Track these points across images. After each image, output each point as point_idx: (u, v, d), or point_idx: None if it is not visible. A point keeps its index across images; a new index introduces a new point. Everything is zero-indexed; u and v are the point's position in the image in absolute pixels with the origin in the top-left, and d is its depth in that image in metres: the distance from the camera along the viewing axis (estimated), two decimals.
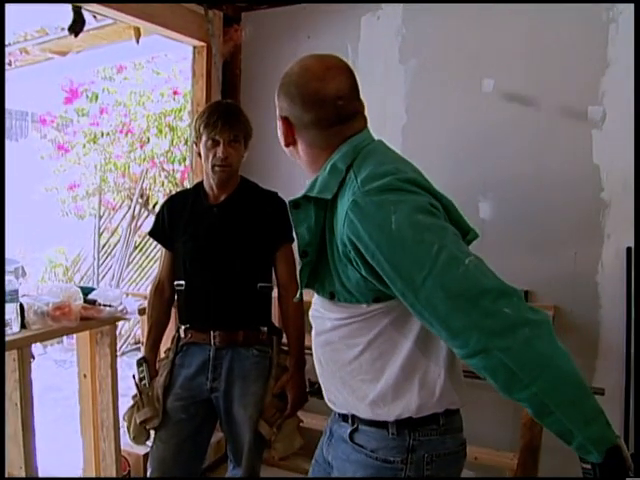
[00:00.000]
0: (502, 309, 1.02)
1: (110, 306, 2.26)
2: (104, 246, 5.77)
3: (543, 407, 1.01)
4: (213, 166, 1.95)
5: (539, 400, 1.01)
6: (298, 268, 1.26)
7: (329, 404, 1.38)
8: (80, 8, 2.26)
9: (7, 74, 3.97)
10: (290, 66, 1.27)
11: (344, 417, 1.32)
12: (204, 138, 1.94)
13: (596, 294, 2.50)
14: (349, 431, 1.29)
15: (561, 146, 2.50)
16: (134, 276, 5.58)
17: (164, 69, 5.19)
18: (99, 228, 5.72)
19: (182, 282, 2.05)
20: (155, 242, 2.22)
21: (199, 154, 2.03)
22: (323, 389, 1.38)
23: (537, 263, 2.58)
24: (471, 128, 2.67)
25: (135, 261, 5.59)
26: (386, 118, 2.83)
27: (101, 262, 5.69)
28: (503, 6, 2.55)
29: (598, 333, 2.51)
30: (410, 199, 1.09)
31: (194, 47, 2.96)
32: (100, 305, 2.24)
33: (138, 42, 2.96)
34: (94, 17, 3.03)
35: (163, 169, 5.43)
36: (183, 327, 2.07)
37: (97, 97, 5.18)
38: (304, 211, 1.19)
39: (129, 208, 5.59)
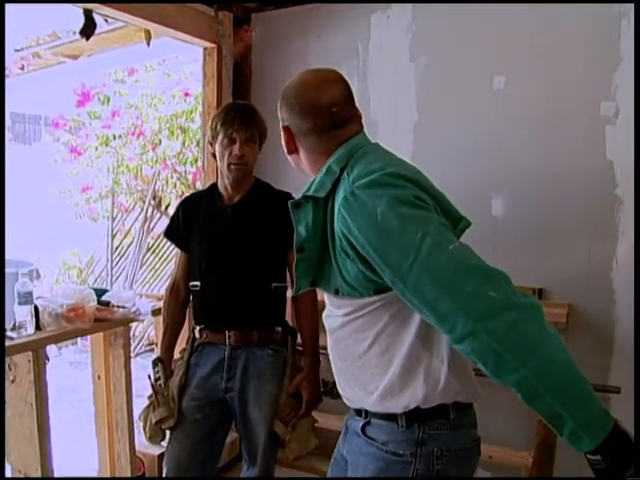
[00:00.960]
0: (488, 292, 1.05)
1: (123, 307, 2.27)
2: (117, 248, 5.78)
3: (533, 391, 1.02)
4: (229, 164, 1.95)
5: (529, 383, 1.01)
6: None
7: (344, 400, 1.41)
8: (91, 12, 2.27)
9: (20, 78, 4.01)
10: (289, 80, 1.38)
11: (358, 411, 1.36)
12: (220, 136, 1.95)
13: (611, 291, 2.47)
14: (361, 424, 1.32)
15: (574, 142, 2.48)
16: (147, 277, 5.59)
17: (175, 71, 5.21)
18: (112, 230, 5.73)
19: (197, 283, 2.06)
20: (169, 243, 2.24)
21: (213, 155, 2.04)
22: (339, 387, 1.41)
23: (550, 260, 2.56)
24: (483, 125, 2.66)
25: (148, 262, 5.60)
26: (397, 116, 2.82)
27: (114, 264, 5.69)
28: (514, 2, 2.53)
29: (613, 331, 2.48)
30: (395, 192, 1.14)
31: (204, 49, 2.96)
32: (113, 306, 2.26)
33: (149, 44, 2.97)
34: (105, 20, 3.05)
35: (175, 171, 5.45)
36: (198, 327, 2.08)
37: (109, 100, 5.21)
38: (304, 210, 1.28)
39: (142, 210, 5.61)
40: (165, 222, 4.86)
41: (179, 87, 5.11)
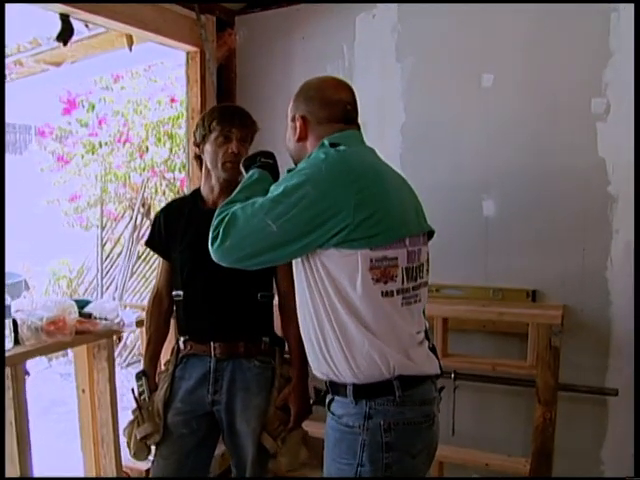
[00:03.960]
0: None
1: (106, 319, 2.19)
2: (107, 257, 5.72)
3: None
4: (224, 162, 1.89)
5: None
6: None
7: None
8: (68, 16, 2.18)
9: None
10: (308, 80, 1.58)
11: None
12: (214, 134, 1.89)
13: (606, 291, 2.41)
14: (328, 401, 1.50)
15: (565, 140, 2.42)
16: (138, 286, 5.51)
17: (160, 77, 5.15)
18: (102, 239, 5.68)
19: (180, 292, 1.98)
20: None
21: (198, 157, 1.97)
22: None
23: (544, 261, 2.50)
24: (472, 124, 2.60)
25: (139, 271, 5.53)
26: (385, 118, 2.76)
27: (105, 273, 5.63)
28: None
29: (609, 331, 2.42)
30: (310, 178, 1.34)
31: (187, 53, 2.90)
32: (96, 318, 2.18)
33: (131, 50, 2.89)
34: (86, 26, 2.97)
35: (164, 178, 5.38)
36: (182, 338, 1.99)
37: (93, 107, 5.14)
38: None
39: (131, 218, 5.54)
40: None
41: (165, 93, 5.06)
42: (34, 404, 4.12)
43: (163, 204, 5.16)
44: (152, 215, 5.29)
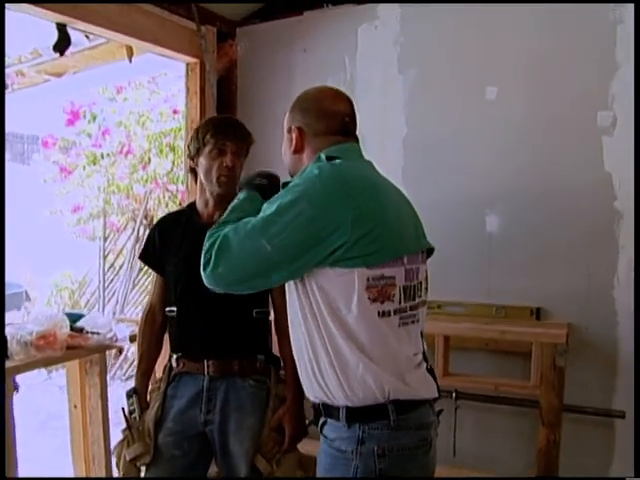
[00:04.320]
0: None
1: (98, 334, 2.15)
2: (110, 268, 5.69)
3: None
4: (219, 177, 1.85)
5: None
6: None
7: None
8: (65, 26, 2.15)
9: (7, 97, 3.91)
10: (305, 90, 1.54)
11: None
12: (209, 147, 1.85)
13: (613, 309, 2.35)
14: (321, 424, 1.43)
15: (571, 154, 2.38)
16: (139, 299, 5.45)
17: (164, 88, 5.14)
18: (104, 250, 5.64)
19: (174, 308, 1.93)
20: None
21: (193, 170, 1.94)
22: None
23: (549, 278, 2.45)
24: (475, 138, 2.56)
25: (141, 283, 5.48)
26: (386, 130, 2.71)
27: (107, 285, 5.59)
28: (505, 9, 2.44)
29: (616, 351, 2.35)
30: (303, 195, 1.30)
31: (187, 64, 2.87)
32: (87, 333, 2.14)
33: (131, 61, 2.88)
34: (86, 37, 2.95)
35: (167, 190, 5.35)
36: (175, 356, 1.94)
37: (95, 118, 5.13)
38: None
39: (134, 230, 5.51)
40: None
41: (167, 105, 5.05)
42: (31, 417, 4.10)
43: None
44: None
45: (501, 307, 2.51)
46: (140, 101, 5.10)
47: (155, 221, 2.24)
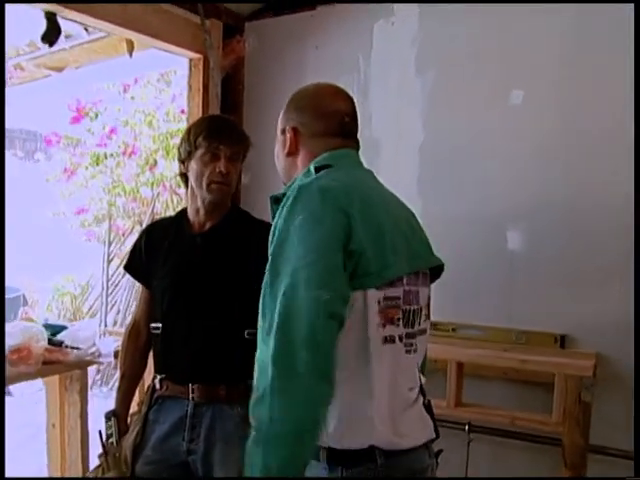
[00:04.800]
0: None
1: (78, 348, 2.09)
2: (114, 274, 5.66)
3: None
4: (210, 183, 1.78)
5: None
6: None
7: None
8: (54, 15, 2.09)
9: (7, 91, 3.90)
10: (302, 87, 1.49)
11: None
12: (201, 151, 1.78)
13: None
14: None
15: (604, 170, 2.27)
16: None
17: (174, 86, 5.09)
18: (108, 255, 5.62)
19: (159, 324, 1.86)
20: None
21: (183, 175, 1.87)
22: None
23: (575, 303, 2.33)
24: (499, 147, 2.46)
25: None
26: (401, 136, 2.63)
27: (110, 291, 5.56)
28: (532, 8, 2.34)
29: None
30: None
31: (190, 60, 2.82)
32: (67, 347, 2.08)
33: (131, 55, 2.83)
34: (85, 30, 2.91)
35: (175, 193, 5.30)
36: (159, 377, 1.86)
37: (97, 115, 5.12)
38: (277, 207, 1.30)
39: None
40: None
41: (175, 104, 5.00)
42: (23, 429, 4.03)
43: None
44: None
45: (522, 332, 2.40)
46: (147, 99, 5.07)
47: (143, 228, 2.17)
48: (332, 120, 1.37)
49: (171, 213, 5.16)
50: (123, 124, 5.07)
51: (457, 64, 2.52)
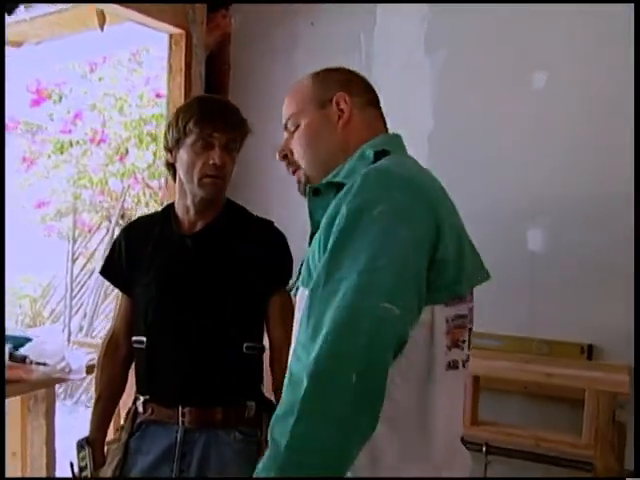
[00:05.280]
0: None
1: (45, 364, 1.96)
2: (79, 274, 5.56)
3: None
4: (202, 177, 1.65)
5: None
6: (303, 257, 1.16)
7: None
8: None
9: None
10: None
11: None
12: (191, 138, 1.65)
13: None
14: None
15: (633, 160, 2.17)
16: (112, 311, 5.25)
17: (146, 67, 4.96)
18: (73, 253, 5.49)
19: (142, 338, 1.74)
20: None
21: (171, 165, 1.75)
22: None
23: (604, 309, 2.24)
24: (518, 136, 2.37)
25: (115, 293, 5.25)
26: (408, 123, 2.39)
27: (75, 293, 5.46)
28: None
29: None
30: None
31: (170, 36, 2.69)
32: (32, 363, 1.96)
33: (102, 29, 2.68)
34: None
35: (147, 186, 5.21)
36: (142, 398, 1.74)
37: (61, 98, 5.01)
38: (324, 199, 1.16)
39: (108, 230, 5.39)
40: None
41: (149, 87, 4.85)
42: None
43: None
44: None
45: (544, 342, 2.30)
46: (117, 81, 4.93)
47: (122, 228, 2.04)
48: (373, 93, 1.29)
49: (143, 208, 5.04)
50: (90, 108, 4.93)
51: (471, 43, 2.44)
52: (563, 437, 2.15)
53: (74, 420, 4.25)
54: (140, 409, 1.73)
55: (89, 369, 2.10)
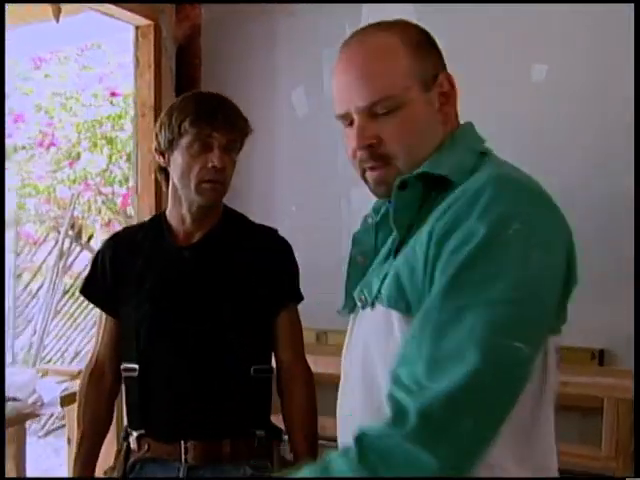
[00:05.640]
0: None
1: (15, 399, 1.82)
2: (24, 292, 5.48)
3: None
4: (200, 182, 1.58)
5: None
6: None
7: None
8: None
9: None
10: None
11: None
12: (187, 139, 1.57)
13: None
14: None
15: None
16: (63, 329, 5.26)
17: (98, 64, 4.86)
18: (16, 268, 5.37)
19: (134, 365, 1.65)
20: None
21: (163, 169, 1.67)
22: None
23: (616, 312, 2.21)
24: (519, 129, 2.35)
25: (65, 310, 5.25)
26: None
27: (19, 313, 5.33)
28: None
29: None
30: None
31: (137, 28, 2.60)
32: None
33: (58, 20, 2.53)
34: None
35: (100, 193, 5.12)
36: (136, 434, 1.64)
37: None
38: (409, 194, 1.04)
39: (56, 242, 5.28)
40: (87, 258, 4.37)
41: (103, 85, 4.74)
42: None
43: (98, 225, 4.92)
44: (84, 239, 5.05)
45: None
46: (66, 79, 4.79)
47: (104, 239, 1.93)
48: None
49: (94, 216, 4.91)
50: (36, 109, 4.79)
51: (466, 34, 2.40)
52: (582, 449, 2.13)
53: (45, 451, 4.08)
54: (133, 446, 1.64)
55: (63, 400, 1.98)
